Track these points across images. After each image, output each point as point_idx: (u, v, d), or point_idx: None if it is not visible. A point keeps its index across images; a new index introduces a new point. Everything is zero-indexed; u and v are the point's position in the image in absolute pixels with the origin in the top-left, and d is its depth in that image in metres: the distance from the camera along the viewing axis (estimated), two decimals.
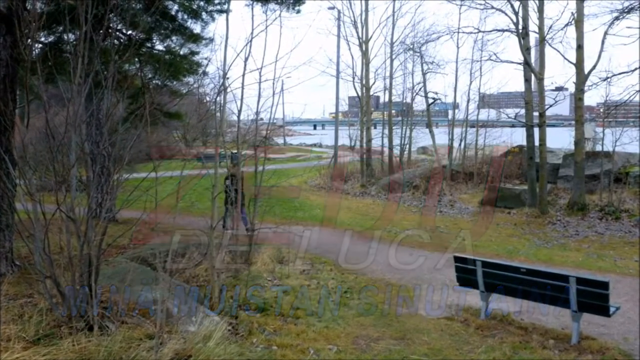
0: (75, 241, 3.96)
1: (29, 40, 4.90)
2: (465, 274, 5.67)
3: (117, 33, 7.30)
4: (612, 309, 4.80)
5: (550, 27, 12.68)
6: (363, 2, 20.34)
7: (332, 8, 21.41)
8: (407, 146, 22.56)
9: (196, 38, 8.32)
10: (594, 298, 4.71)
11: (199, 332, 4.17)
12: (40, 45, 6.52)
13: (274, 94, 6.73)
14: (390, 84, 21.40)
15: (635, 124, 16.81)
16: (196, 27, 8.28)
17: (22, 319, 3.95)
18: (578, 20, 11.83)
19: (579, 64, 11.90)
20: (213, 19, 8.22)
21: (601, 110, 17.61)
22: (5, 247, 5.49)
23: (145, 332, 3.98)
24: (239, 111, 6.74)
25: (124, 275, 4.75)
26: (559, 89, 25.37)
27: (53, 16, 5.19)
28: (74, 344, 3.64)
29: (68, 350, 3.59)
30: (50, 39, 6.90)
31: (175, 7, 7.98)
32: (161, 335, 3.83)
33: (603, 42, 11.86)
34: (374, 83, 21.88)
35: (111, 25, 6.10)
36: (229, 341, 4.30)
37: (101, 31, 4.58)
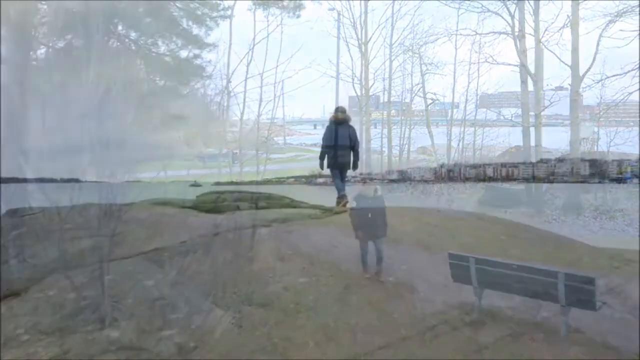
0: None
1: (41, 45, 5.12)
2: (460, 271, 5.88)
3: (125, 40, 7.49)
4: (598, 304, 5.01)
5: (546, 30, 12.90)
6: (362, 3, 20.51)
7: (332, 9, 21.56)
8: (406, 146, 22.70)
9: (200, 43, 8.51)
10: (581, 293, 4.92)
11: (204, 325, 4.37)
12: (51, 50, 6.72)
13: (274, 96, 6.95)
14: (390, 84, 21.56)
15: (630, 125, 16.95)
16: (200, 32, 8.49)
17: (37, 312, 4.15)
18: (574, 23, 12.02)
19: (574, 65, 12.11)
20: (217, 25, 8.42)
21: (601, 110, 17.75)
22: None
23: (153, 324, 4.18)
24: (242, 113, 6.97)
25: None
26: (559, 88, 25.45)
27: (65, 22, 5.39)
28: (86, 336, 3.85)
29: (81, 341, 3.79)
30: (61, 44, 7.09)
31: (181, 13, 8.17)
32: (168, 327, 4.03)
33: (598, 45, 12.09)
34: (373, 84, 22.03)
35: (119, 29, 6.29)
36: (233, 333, 4.50)
37: (109, 37, 4.78)
